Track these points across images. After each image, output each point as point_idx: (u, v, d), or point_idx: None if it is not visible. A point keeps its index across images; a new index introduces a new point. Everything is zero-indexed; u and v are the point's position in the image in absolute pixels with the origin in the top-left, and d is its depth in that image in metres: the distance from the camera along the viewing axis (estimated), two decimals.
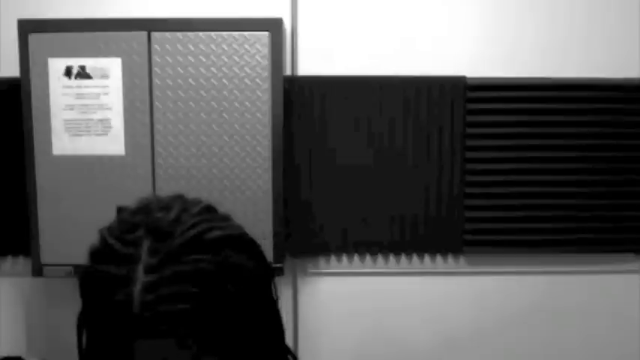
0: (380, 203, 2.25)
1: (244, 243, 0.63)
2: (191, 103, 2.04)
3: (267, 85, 2.03)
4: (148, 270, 0.56)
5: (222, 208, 0.65)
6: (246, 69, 2.02)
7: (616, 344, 2.40)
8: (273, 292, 0.66)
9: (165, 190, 2.05)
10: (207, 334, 0.56)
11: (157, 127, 2.05)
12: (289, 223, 2.22)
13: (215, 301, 0.57)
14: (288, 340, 0.73)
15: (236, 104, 2.04)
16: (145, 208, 0.62)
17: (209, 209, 0.64)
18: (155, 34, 2.01)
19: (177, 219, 0.60)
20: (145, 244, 0.57)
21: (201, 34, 2.01)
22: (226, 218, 0.65)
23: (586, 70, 2.24)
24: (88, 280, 0.60)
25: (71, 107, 2.04)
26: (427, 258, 2.34)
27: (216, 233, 0.60)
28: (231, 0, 2.21)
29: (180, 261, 0.56)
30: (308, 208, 2.25)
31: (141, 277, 0.56)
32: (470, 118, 2.23)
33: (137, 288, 0.55)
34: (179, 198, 0.65)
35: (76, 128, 2.05)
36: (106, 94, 2.04)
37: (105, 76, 2.03)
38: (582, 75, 2.24)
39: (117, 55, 2.02)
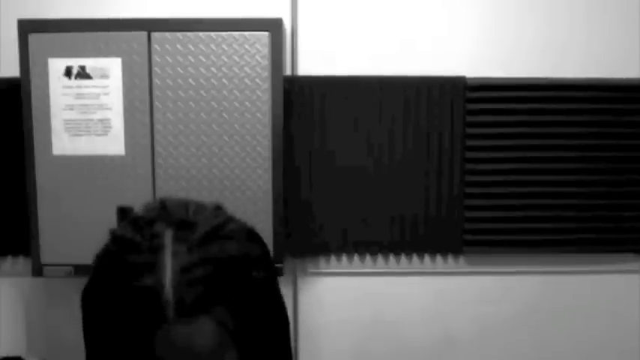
0: (380, 203, 2.25)
1: (257, 237, 0.64)
2: (191, 103, 2.03)
3: (267, 85, 2.03)
4: (177, 256, 0.55)
5: None
6: (246, 69, 2.02)
7: (616, 344, 2.40)
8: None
9: (165, 190, 2.05)
10: (241, 315, 0.57)
11: (157, 127, 2.05)
12: (289, 223, 2.22)
13: (244, 286, 0.57)
14: None
15: (236, 104, 2.03)
16: (159, 206, 0.62)
17: (219, 207, 0.65)
18: (155, 34, 2.01)
19: (196, 211, 0.61)
20: (168, 234, 0.57)
21: (201, 34, 2.01)
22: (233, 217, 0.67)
23: (586, 70, 2.24)
24: (105, 271, 0.58)
25: (71, 107, 2.04)
26: (427, 258, 2.34)
27: (234, 225, 0.61)
28: (231, 0, 2.22)
29: (207, 246, 0.57)
30: (308, 208, 2.25)
31: (169, 262, 0.55)
32: (470, 119, 2.23)
33: (167, 272, 0.54)
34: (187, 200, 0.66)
35: (76, 128, 2.05)
36: (106, 94, 2.04)
37: (105, 76, 2.03)
38: (582, 75, 2.24)
39: (117, 55, 2.02)
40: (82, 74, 2.03)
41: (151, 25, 2.02)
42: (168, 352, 0.54)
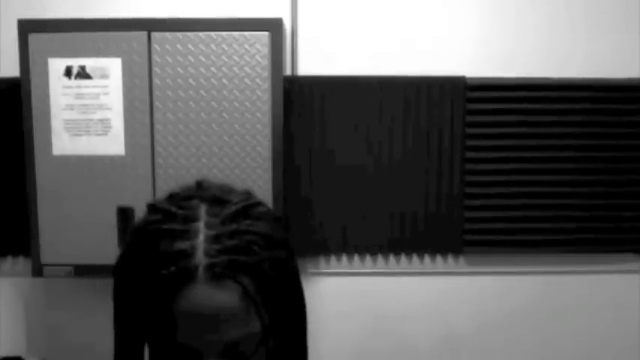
0: (380, 203, 2.25)
1: (281, 222, 0.67)
2: (191, 103, 2.03)
3: (267, 85, 2.03)
4: (210, 227, 0.58)
5: None
6: (246, 69, 2.02)
7: (616, 343, 2.40)
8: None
9: (165, 190, 2.05)
10: (266, 290, 0.59)
11: (157, 127, 2.05)
12: (289, 223, 2.22)
13: (270, 262, 0.59)
14: None
15: (236, 104, 2.03)
16: (195, 185, 0.66)
17: (249, 192, 0.68)
18: (155, 34, 2.01)
19: (229, 192, 0.64)
20: (203, 208, 0.60)
21: (201, 34, 2.01)
22: None
23: (586, 70, 2.24)
24: (140, 237, 0.60)
25: (71, 107, 2.04)
26: (427, 258, 2.34)
27: (263, 208, 0.64)
28: (231, 0, 2.22)
29: (239, 221, 0.59)
30: (308, 208, 2.25)
31: (203, 231, 0.58)
32: (470, 118, 2.23)
33: (200, 239, 0.57)
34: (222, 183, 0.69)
35: (76, 128, 2.05)
36: (106, 94, 2.04)
37: (105, 76, 2.03)
38: (582, 75, 2.24)
39: (117, 55, 2.02)
40: (82, 74, 2.03)
41: (151, 25, 2.02)
42: (191, 309, 0.55)
